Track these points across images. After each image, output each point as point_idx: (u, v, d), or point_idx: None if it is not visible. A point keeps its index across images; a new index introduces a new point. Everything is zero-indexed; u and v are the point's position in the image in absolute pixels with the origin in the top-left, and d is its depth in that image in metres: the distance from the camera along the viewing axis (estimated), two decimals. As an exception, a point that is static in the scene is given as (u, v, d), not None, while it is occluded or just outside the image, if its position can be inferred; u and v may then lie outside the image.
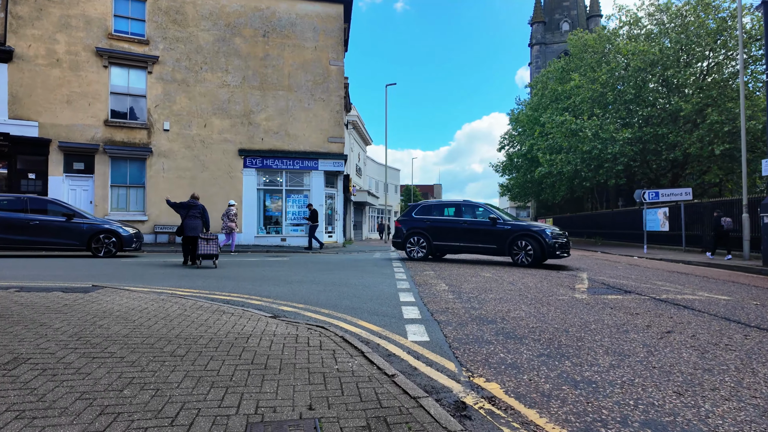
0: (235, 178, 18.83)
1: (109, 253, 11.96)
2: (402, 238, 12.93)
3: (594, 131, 25.44)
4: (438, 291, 7.31)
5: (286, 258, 13.45)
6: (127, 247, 12.20)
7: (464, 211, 12.47)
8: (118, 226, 12.25)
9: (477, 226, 12.02)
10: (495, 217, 11.86)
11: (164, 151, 18.10)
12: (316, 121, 19.64)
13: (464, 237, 12.13)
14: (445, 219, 12.58)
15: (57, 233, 11.57)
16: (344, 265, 11.21)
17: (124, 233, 12.13)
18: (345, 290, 7.27)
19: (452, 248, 12.49)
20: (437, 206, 13.12)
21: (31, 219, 11.46)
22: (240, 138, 18.92)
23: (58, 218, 11.71)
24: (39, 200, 12.06)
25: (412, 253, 12.68)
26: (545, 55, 56.21)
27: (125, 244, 12.11)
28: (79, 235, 11.68)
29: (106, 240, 11.92)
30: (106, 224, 12.11)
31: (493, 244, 11.76)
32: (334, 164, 19.66)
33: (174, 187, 18.11)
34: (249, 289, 7.19)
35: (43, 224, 11.52)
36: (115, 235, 11.99)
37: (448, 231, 12.33)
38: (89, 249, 11.81)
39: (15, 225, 11.39)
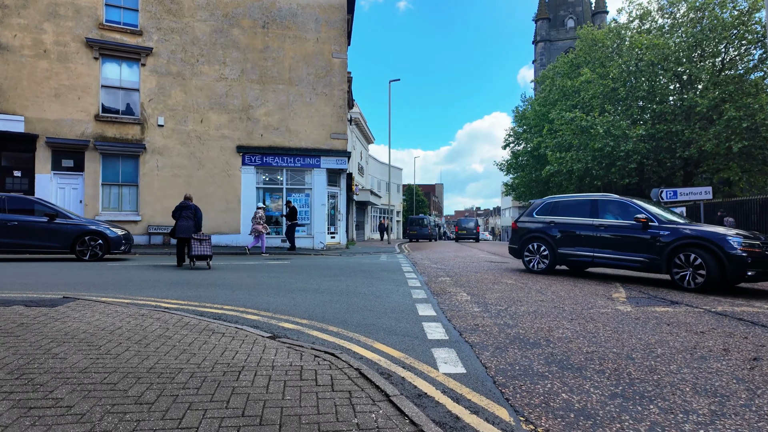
0: (234, 176, 17.96)
1: (95, 256, 11.09)
2: (518, 244, 10.45)
3: (606, 128, 24.55)
4: (459, 302, 6.43)
5: (286, 261, 12.57)
6: (115, 250, 11.33)
7: (603, 208, 9.19)
8: (106, 227, 11.39)
9: (618, 231, 8.70)
10: (645, 218, 8.36)
11: (158, 147, 17.22)
12: (318, 117, 18.76)
13: (600, 245, 8.95)
14: (572, 222, 9.55)
15: (38, 235, 10.71)
16: (350, 270, 10.33)
17: (112, 235, 11.26)
18: (354, 301, 6.39)
19: (584, 259, 9.27)
20: (566, 204, 9.96)
21: (9, 220, 10.60)
22: (238, 134, 18.05)
23: (40, 219, 10.85)
24: (18, 199, 11.18)
25: (531, 264, 10.15)
26: (550, 52, 55.33)
27: (113, 247, 11.24)
28: (63, 237, 10.82)
29: (91, 242, 11.05)
30: (92, 225, 11.24)
31: (643, 256, 8.33)
32: (337, 162, 18.78)
33: (169, 185, 17.24)
34: (245, 300, 6.31)
35: (22, 225, 10.64)
36: (102, 237, 11.12)
37: (577, 237, 9.35)
38: (73, 252, 10.94)
39: None
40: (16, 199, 11.10)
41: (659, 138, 24.83)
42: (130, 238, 11.96)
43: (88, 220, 11.78)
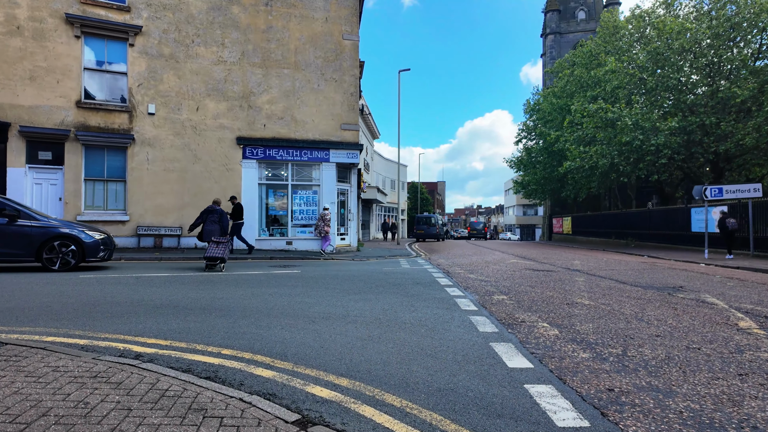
0: (233, 171, 16.11)
1: (67, 265, 9.28)
2: None
3: (634, 120, 22.74)
4: (548, 338, 4.63)
5: (296, 269, 10.74)
6: (92, 258, 9.52)
7: None
8: (81, 229, 9.56)
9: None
10: None
11: (149, 138, 15.37)
12: (327, 105, 16.91)
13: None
14: None
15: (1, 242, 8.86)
16: (375, 283, 8.51)
17: (87, 239, 9.43)
18: (402, 338, 4.58)
19: None
20: None
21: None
22: (238, 124, 16.20)
23: None
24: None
25: None
26: (560, 45, 53.39)
27: (89, 254, 9.43)
28: (25, 242, 9.02)
29: (62, 248, 9.21)
30: (64, 227, 9.40)
31: None
32: (347, 155, 16.95)
33: (160, 181, 15.40)
34: (251, 337, 4.49)
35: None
36: (75, 242, 9.29)
37: None
38: (40, 260, 9.11)
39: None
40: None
41: (690, 131, 23.06)
42: (111, 242, 10.12)
43: (61, 221, 9.94)
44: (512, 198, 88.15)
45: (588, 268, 11.87)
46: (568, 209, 46.35)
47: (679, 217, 23.52)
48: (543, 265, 12.79)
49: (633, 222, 28.91)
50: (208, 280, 8.56)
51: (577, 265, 12.75)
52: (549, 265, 12.85)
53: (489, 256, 16.31)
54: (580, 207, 44.47)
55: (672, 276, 10.33)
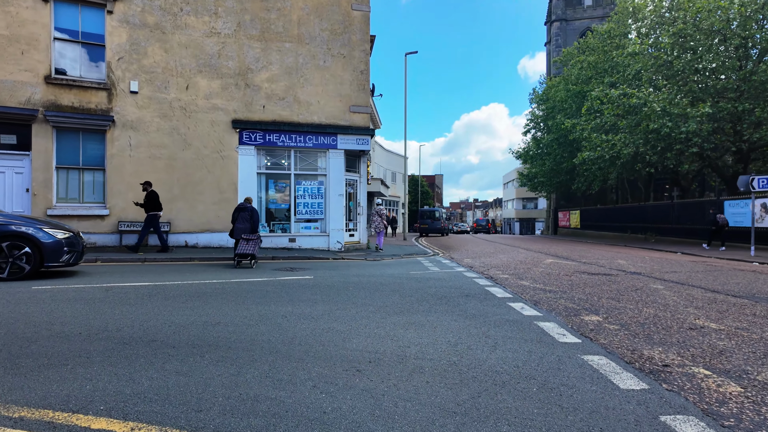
0: (228, 159, 14.20)
1: (19, 272, 7.40)
2: None
3: (662, 106, 21.02)
4: (738, 401, 2.86)
5: (307, 275, 8.90)
6: (53, 262, 7.66)
7: None
8: (38, 227, 7.65)
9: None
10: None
11: (131, 120, 13.41)
12: (334, 84, 15.00)
13: None
14: None
15: None
16: (414, 294, 6.72)
17: (46, 239, 7.53)
18: (516, 411, 2.77)
19: None
20: None
21: None
22: (234, 105, 14.26)
23: None
24: None
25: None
26: (566, 32, 51.58)
27: (49, 257, 7.55)
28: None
29: (14, 251, 7.33)
30: (14, 224, 7.48)
31: None
32: (357, 141, 15.08)
33: (145, 169, 13.47)
34: (269, 408, 2.67)
35: None
36: (30, 243, 7.40)
37: None
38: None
39: None
40: None
41: (720, 118, 21.41)
42: (78, 243, 8.21)
43: (13, 216, 8.01)
44: (511, 191, 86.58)
45: (647, 270, 10.14)
46: (574, 202, 44.78)
47: (709, 210, 21.90)
48: (590, 266, 11.05)
49: (652, 215, 27.32)
50: (199, 292, 6.72)
51: (628, 266, 11.03)
52: (596, 266, 11.13)
53: (517, 255, 14.55)
54: (587, 200, 42.90)
55: (759, 281, 8.61)
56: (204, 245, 13.94)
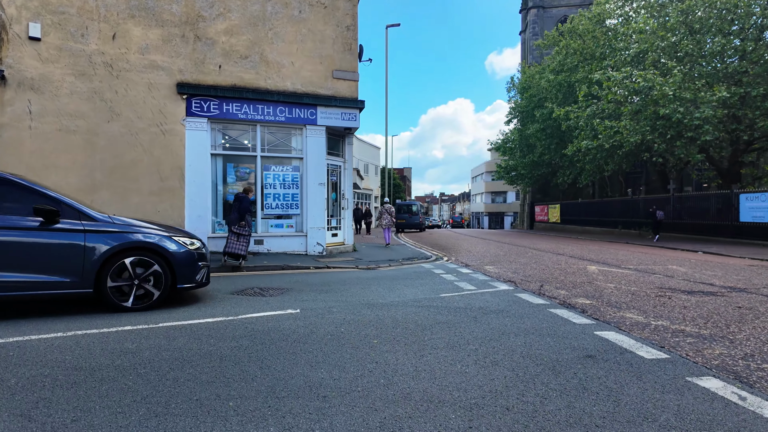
0: (172, 135, 10.70)
1: (146, 299, 5.11)
2: None
3: (673, 90, 18.97)
4: None
5: (287, 306, 5.70)
6: (186, 283, 5.39)
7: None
8: (164, 234, 5.40)
9: None
10: None
11: (31, 78, 9.69)
12: (313, 42, 11.73)
13: None
14: None
15: (20, 260, 4.57)
16: (493, 355, 3.74)
17: (178, 252, 5.33)
18: None
19: None
20: None
21: None
22: (180, 63, 10.76)
23: (23, 221, 4.64)
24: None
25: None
26: (543, 20, 49.86)
27: (181, 277, 5.31)
28: (75, 259, 4.74)
29: (138, 269, 5.04)
30: (134, 230, 5.15)
31: None
32: (343, 116, 11.90)
33: (54, 148, 9.81)
34: None
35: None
36: (159, 257, 5.18)
37: None
38: (99, 292, 4.91)
39: None
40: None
41: (731, 105, 19.63)
42: (208, 254, 5.98)
43: (127, 221, 5.35)
44: (480, 185, 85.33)
45: (751, 285, 7.60)
46: (551, 197, 43.19)
47: (720, 204, 20.19)
48: (659, 276, 8.42)
49: (645, 210, 25.56)
50: (94, 366, 3.47)
51: (708, 276, 8.50)
52: (663, 275, 8.53)
53: (540, 258, 11.84)
54: (565, 195, 41.37)
55: None
56: (139, 250, 10.39)
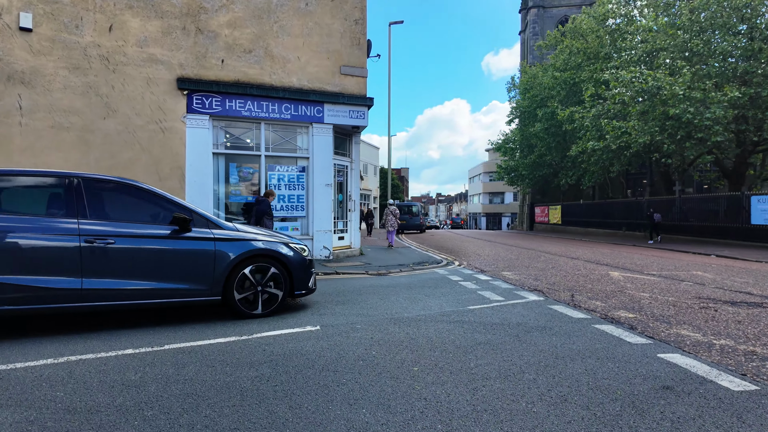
0: (172, 133, 10.14)
1: (271, 302, 5.15)
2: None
3: (684, 89, 18.59)
4: None
5: (305, 322, 5.20)
6: (301, 289, 5.45)
7: None
8: (280, 240, 5.50)
9: None
10: None
11: (22, 71, 9.11)
12: (320, 36, 11.20)
13: None
14: None
15: (154, 268, 4.58)
16: (572, 399, 3.24)
17: (294, 257, 5.39)
18: None
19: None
20: None
21: (97, 234, 4.33)
22: (180, 57, 10.20)
23: (155, 230, 4.65)
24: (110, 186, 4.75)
25: None
26: (543, 20, 49.53)
27: (298, 283, 5.36)
28: (205, 267, 4.76)
29: (256, 275, 5.06)
30: (252, 238, 5.18)
31: None
32: (351, 114, 11.38)
33: (46, 145, 9.24)
34: None
35: (127, 248, 4.47)
36: (276, 263, 5.20)
37: None
38: (227, 299, 4.92)
39: (50, 255, 4.22)
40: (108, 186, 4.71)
41: (741, 105, 19.29)
42: None
43: (245, 226, 5.60)
44: (478, 185, 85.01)
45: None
46: (550, 197, 42.84)
47: (729, 206, 19.83)
48: (687, 283, 7.95)
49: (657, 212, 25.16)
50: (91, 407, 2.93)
51: (740, 284, 8.05)
52: (691, 282, 8.07)
53: (557, 263, 11.36)
54: (565, 196, 41.03)
55: None
56: (136, 254, 9.84)
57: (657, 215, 21.31)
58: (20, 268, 4.02)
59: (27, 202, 4.36)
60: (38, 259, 4.12)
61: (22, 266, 4.03)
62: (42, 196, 4.43)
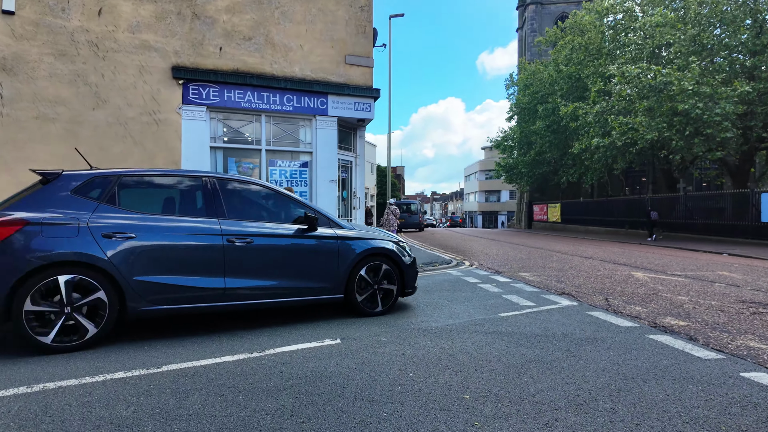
0: (166, 125, 9.49)
1: (388, 298, 5.21)
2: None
3: (692, 85, 18.16)
4: None
5: (323, 335, 4.63)
6: (410, 288, 5.49)
7: None
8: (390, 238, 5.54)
9: None
10: None
11: (3, 58, 8.43)
12: (324, 23, 10.59)
13: None
14: None
15: (287, 267, 4.62)
16: None
17: (405, 257, 5.42)
18: None
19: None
20: None
21: (229, 234, 4.32)
22: (175, 44, 9.54)
23: (283, 228, 4.73)
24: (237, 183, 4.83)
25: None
26: (541, 16, 49.07)
27: (408, 282, 5.39)
28: (330, 266, 4.82)
29: (369, 275, 5.07)
30: (374, 237, 5.34)
31: None
32: (356, 106, 10.78)
33: (29, 138, 8.56)
34: None
35: (257, 248, 4.44)
36: (388, 260, 5.23)
37: None
38: (349, 298, 4.93)
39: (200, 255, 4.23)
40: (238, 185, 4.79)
41: (750, 101, 18.92)
42: None
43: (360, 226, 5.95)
44: (474, 183, 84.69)
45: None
46: (548, 195, 42.47)
47: (737, 203, 19.46)
48: (720, 285, 7.44)
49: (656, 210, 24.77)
50: None
51: (763, 285, 7.56)
52: (724, 284, 7.57)
53: (572, 263, 10.83)
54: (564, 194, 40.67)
55: None
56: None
57: (654, 213, 21.29)
58: (177, 268, 4.05)
59: (172, 203, 4.46)
60: (190, 259, 4.15)
61: (179, 267, 4.07)
62: (185, 196, 4.49)
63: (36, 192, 3.88)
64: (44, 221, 3.62)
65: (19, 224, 3.52)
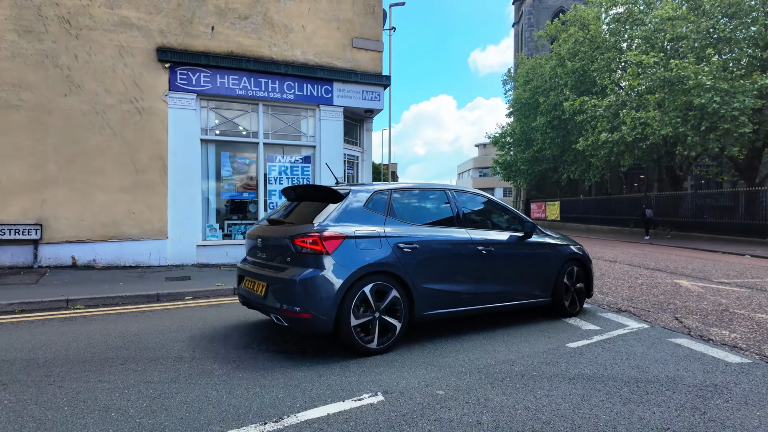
0: (150, 114, 8.33)
1: (582, 298, 5.45)
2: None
3: (710, 79, 17.32)
4: None
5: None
6: (588, 297, 5.64)
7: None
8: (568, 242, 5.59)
9: None
10: None
11: (-44, 33, 7.21)
12: (329, 2, 9.47)
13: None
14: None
15: (515, 273, 4.90)
16: None
17: (588, 261, 5.57)
18: None
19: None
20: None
21: (477, 243, 4.60)
22: (161, 22, 8.37)
23: (508, 236, 4.94)
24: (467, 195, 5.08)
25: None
26: (539, 11, 48.26)
27: (590, 286, 5.56)
28: (542, 272, 5.07)
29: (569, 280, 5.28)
30: (566, 240, 5.55)
31: None
32: (364, 95, 9.69)
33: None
34: None
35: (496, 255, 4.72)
36: (578, 264, 5.43)
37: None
38: (557, 302, 5.14)
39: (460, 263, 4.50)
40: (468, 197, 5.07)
41: (766, 94, 18.16)
42: None
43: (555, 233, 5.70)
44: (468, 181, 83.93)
45: None
46: (546, 193, 41.75)
47: (750, 201, 18.71)
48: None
49: (662, 208, 24.03)
50: None
51: None
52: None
53: (610, 270, 9.86)
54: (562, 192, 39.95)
55: None
56: (107, 264, 8.05)
57: (649, 210, 21.33)
58: (445, 275, 4.32)
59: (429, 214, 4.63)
60: (455, 266, 4.41)
61: (447, 274, 4.33)
62: (438, 207, 4.68)
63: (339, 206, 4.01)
64: (357, 234, 3.86)
65: (340, 238, 3.78)
